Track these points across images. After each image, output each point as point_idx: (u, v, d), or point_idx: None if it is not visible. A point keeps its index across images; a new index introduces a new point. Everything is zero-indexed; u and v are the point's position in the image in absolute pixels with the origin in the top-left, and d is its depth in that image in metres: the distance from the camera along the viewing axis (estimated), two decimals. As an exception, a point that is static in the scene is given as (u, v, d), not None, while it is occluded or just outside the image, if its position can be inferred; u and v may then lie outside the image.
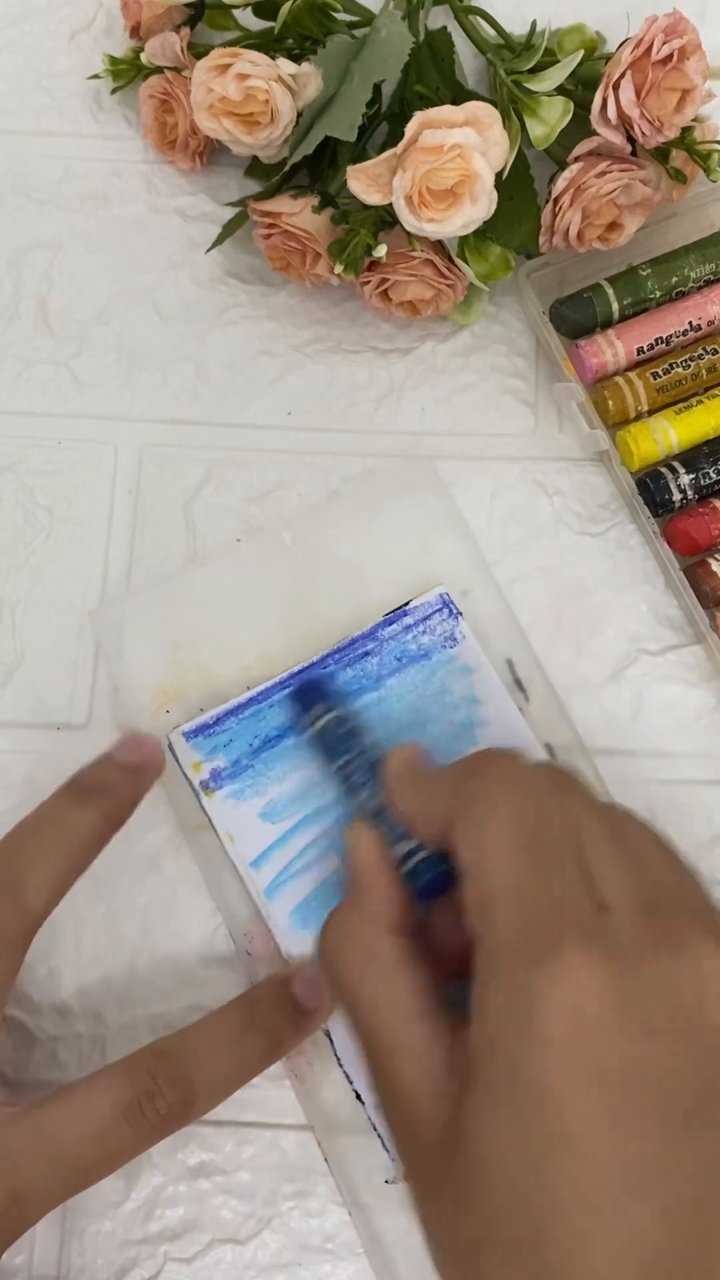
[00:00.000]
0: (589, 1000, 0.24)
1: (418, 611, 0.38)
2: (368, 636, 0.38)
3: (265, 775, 0.36)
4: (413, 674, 0.38)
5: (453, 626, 0.38)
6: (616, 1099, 0.24)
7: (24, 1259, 0.35)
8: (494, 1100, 0.24)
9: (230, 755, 0.37)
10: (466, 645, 0.38)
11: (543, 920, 0.26)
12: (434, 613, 0.38)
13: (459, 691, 0.38)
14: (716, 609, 0.39)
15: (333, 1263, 0.34)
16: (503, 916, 0.26)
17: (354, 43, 0.40)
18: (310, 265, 0.40)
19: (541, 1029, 0.24)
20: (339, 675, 0.37)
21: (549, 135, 0.39)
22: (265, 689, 0.37)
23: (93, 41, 0.47)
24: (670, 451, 0.40)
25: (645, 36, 0.36)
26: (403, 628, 0.38)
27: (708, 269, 0.41)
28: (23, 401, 0.42)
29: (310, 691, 0.37)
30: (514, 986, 0.25)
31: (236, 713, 0.37)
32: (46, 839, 0.33)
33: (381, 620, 0.38)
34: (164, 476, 0.42)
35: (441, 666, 0.38)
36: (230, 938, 0.37)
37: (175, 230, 0.45)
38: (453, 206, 0.36)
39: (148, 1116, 0.30)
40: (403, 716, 0.37)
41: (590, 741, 0.39)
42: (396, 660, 0.38)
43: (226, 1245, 0.35)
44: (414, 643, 0.38)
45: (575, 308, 0.41)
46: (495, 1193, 0.23)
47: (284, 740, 0.37)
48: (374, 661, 0.38)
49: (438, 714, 0.37)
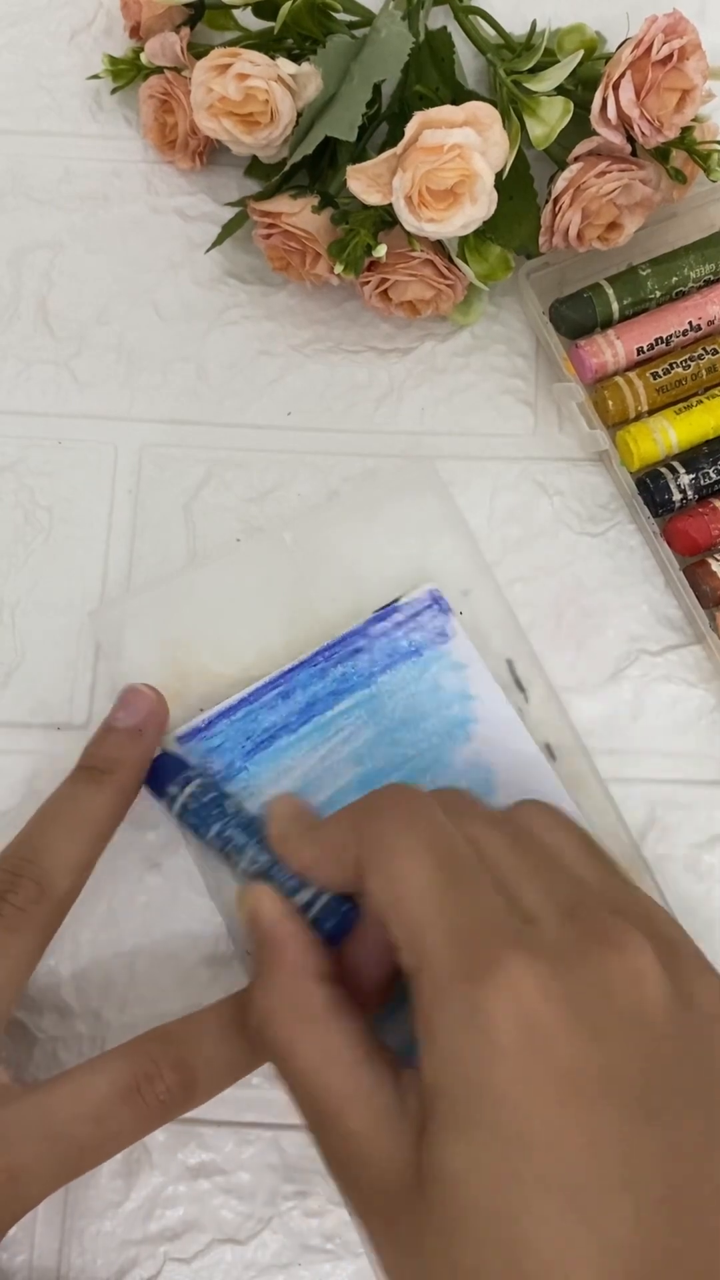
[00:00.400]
0: (537, 1007, 0.25)
1: (408, 608, 0.38)
2: (358, 633, 0.38)
3: (259, 778, 0.36)
4: (404, 670, 0.38)
5: (443, 623, 0.38)
6: (580, 1101, 0.24)
7: (24, 1259, 0.35)
8: (458, 1122, 0.24)
9: (224, 758, 0.37)
10: (458, 641, 0.38)
11: (475, 939, 0.26)
12: (424, 609, 0.38)
13: (451, 688, 0.38)
14: (716, 609, 0.39)
15: (333, 1263, 0.34)
16: (435, 942, 0.26)
17: (354, 43, 0.40)
18: (310, 265, 0.40)
19: (495, 1041, 0.24)
20: (330, 672, 0.37)
21: (549, 135, 0.39)
22: (257, 689, 0.37)
23: (93, 41, 0.47)
24: (670, 451, 0.40)
25: (645, 36, 0.36)
26: (393, 624, 0.38)
27: (708, 269, 0.41)
28: (22, 401, 0.42)
29: (160, 773, 0.35)
30: (461, 1007, 0.25)
31: (228, 714, 0.37)
32: (65, 823, 0.33)
33: (372, 616, 0.38)
34: (164, 476, 0.42)
35: (433, 663, 0.38)
36: (230, 938, 0.37)
37: (175, 230, 0.45)
38: (452, 206, 0.36)
39: (147, 1099, 0.30)
40: (395, 713, 0.37)
41: (590, 741, 0.39)
42: (388, 657, 0.38)
43: (226, 1245, 0.35)
44: (405, 639, 0.38)
45: (575, 308, 0.41)
46: (471, 1214, 0.23)
47: (276, 741, 0.37)
48: (365, 658, 0.38)
49: (430, 710, 0.37)
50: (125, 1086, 0.30)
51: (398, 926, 0.27)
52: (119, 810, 0.34)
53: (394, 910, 0.27)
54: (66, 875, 0.32)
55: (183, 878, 0.37)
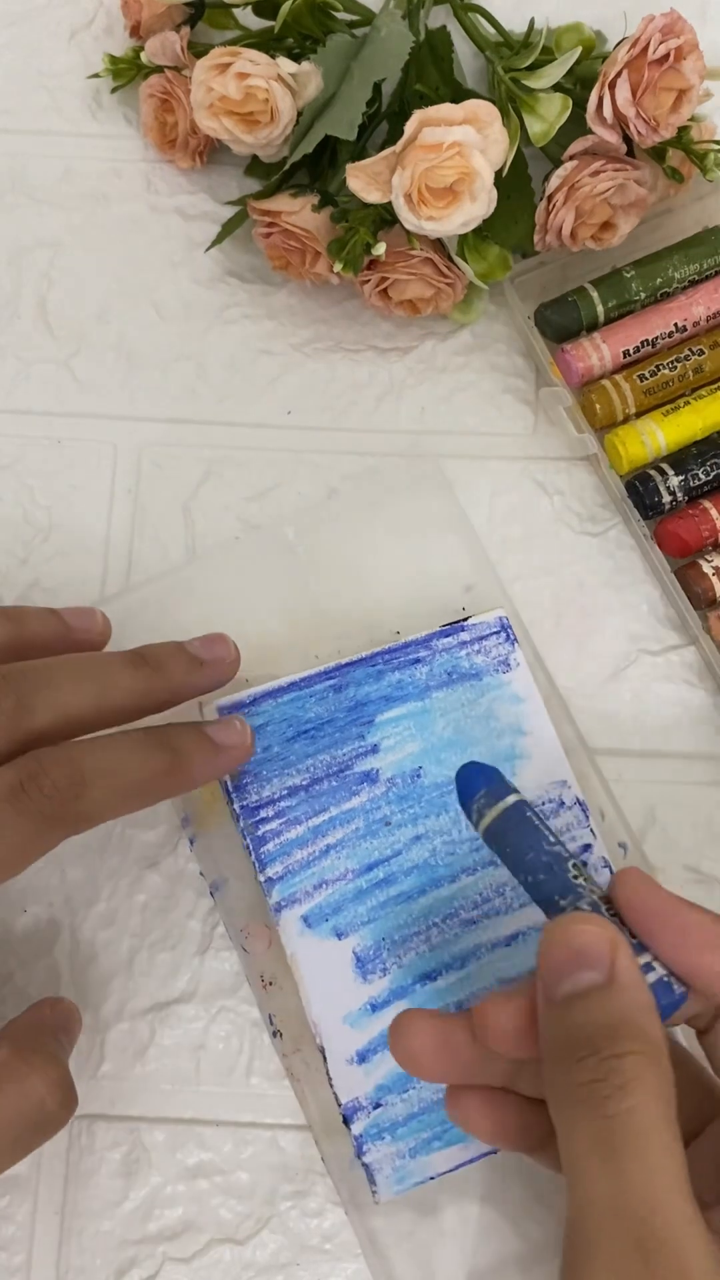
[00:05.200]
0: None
1: (475, 629, 0.37)
2: (420, 644, 0.37)
3: (295, 766, 0.36)
4: (461, 691, 0.37)
5: (508, 652, 0.37)
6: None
7: (23, 1259, 0.34)
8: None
9: (262, 741, 0.36)
10: (520, 673, 0.37)
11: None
12: (491, 634, 0.37)
13: (505, 719, 0.37)
14: (709, 610, 0.39)
15: (331, 1263, 0.34)
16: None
17: (354, 42, 0.40)
18: (310, 264, 0.40)
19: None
20: (386, 675, 0.37)
21: (547, 133, 0.39)
22: (310, 675, 0.36)
23: (93, 41, 0.47)
24: (659, 454, 0.40)
25: (642, 36, 0.36)
26: (458, 642, 0.37)
27: (692, 269, 0.41)
28: (22, 401, 0.42)
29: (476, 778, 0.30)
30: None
31: (275, 695, 0.36)
32: (80, 675, 0.31)
33: (438, 630, 0.37)
34: (163, 475, 0.42)
35: (491, 690, 0.37)
36: (228, 935, 0.37)
37: (175, 229, 0.45)
38: (452, 204, 0.36)
39: (31, 796, 0.28)
40: (444, 733, 0.36)
41: (590, 741, 0.39)
42: (446, 674, 0.37)
43: (225, 1245, 0.35)
44: (467, 660, 0.37)
45: (560, 311, 0.41)
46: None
47: (320, 735, 0.36)
48: (424, 670, 0.37)
49: (480, 738, 0.36)
50: (8, 786, 0.28)
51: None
52: (137, 703, 0.32)
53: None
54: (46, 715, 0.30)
55: (182, 876, 0.37)
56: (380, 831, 0.36)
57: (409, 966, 0.35)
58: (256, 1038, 0.36)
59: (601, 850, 0.36)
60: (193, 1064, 0.36)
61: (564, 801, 0.36)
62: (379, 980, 0.34)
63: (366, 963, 0.35)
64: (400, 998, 0.34)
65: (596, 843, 0.36)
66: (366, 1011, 0.34)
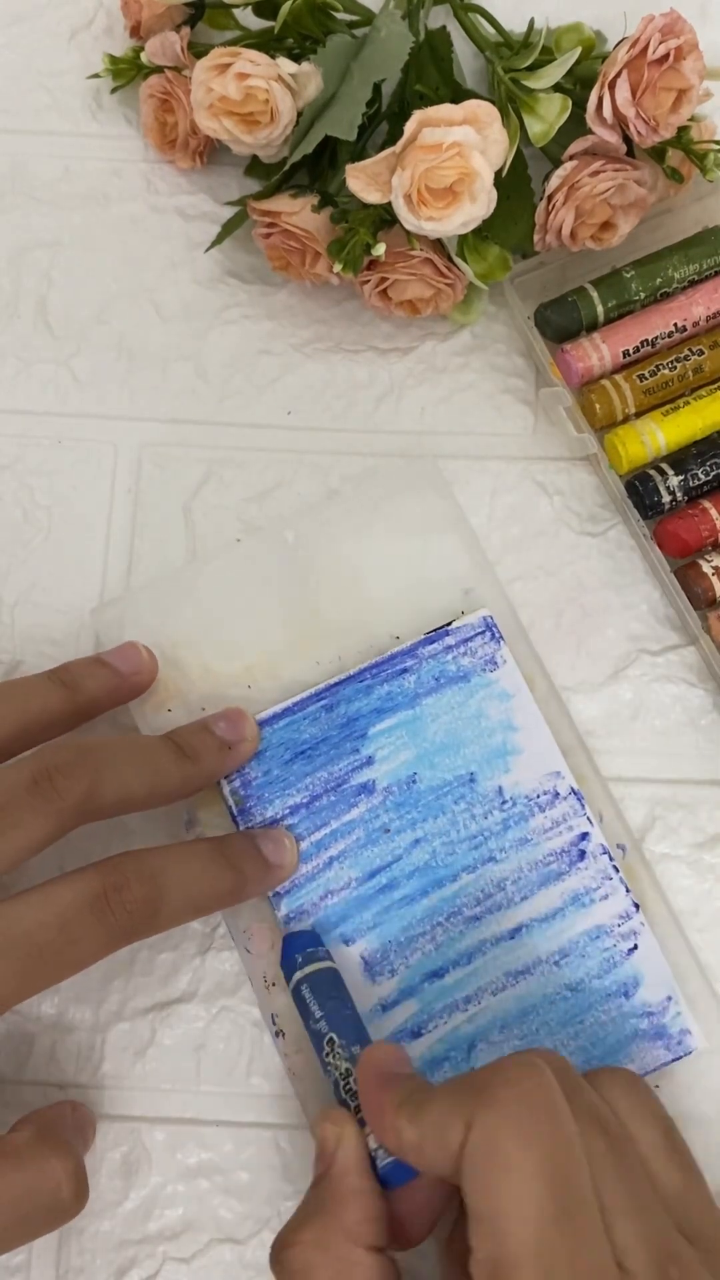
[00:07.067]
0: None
1: (460, 632, 0.38)
2: (407, 653, 0.37)
3: (294, 786, 0.36)
4: (450, 695, 0.37)
5: (494, 650, 0.38)
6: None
7: (23, 1259, 0.35)
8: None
9: (262, 765, 0.36)
10: (506, 670, 0.37)
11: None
12: (476, 635, 0.38)
13: (496, 716, 0.37)
14: (709, 610, 0.39)
15: (332, 1262, 0.34)
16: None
17: (354, 42, 0.40)
18: (310, 264, 0.40)
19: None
20: (376, 689, 0.37)
21: (547, 133, 0.39)
22: (302, 699, 0.37)
23: (93, 41, 0.47)
24: (658, 453, 0.40)
25: (641, 36, 0.36)
26: (443, 647, 0.38)
27: (691, 269, 0.41)
28: (22, 400, 0.42)
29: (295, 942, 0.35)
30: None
31: (271, 722, 0.37)
32: (138, 760, 0.33)
33: (422, 638, 0.38)
34: (163, 476, 0.42)
35: (480, 690, 0.37)
36: (230, 936, 0.37)
37: (175, 229, 0.45)
38: (452, 205, 0.36)
39: (113, 909, 0.30)
40: (436, 737, 0.37)
41: (590, 742, 0.39)
42: (434, 680, 0.37)
43: (225, 1245, 0.35)
44: (454, 664, 0.37)
45: (560, 311, 0.41)
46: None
47: (316, 754, 0.37)
48: (411, 679, 0.37)
49: (472, 738, 0.37)
50: (93, 894, 0.29)
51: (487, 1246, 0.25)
52: (180, 793, 0.34)
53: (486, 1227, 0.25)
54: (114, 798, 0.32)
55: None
56: (380, 839, 0.36)
57: (416, 966, 0.35)
58: (257, 1038, 0.36)
59: (600, 838, 0.36)
60: (193, 1064, 0.36)
61: (559, 792, 0.36)
62: (388, 981, 0.35)
63: (374, 965, 0.35)
64: (409, 996, 0.35)
65: (594, 830, 0.36)
66: (377, 1012, 0.35)
